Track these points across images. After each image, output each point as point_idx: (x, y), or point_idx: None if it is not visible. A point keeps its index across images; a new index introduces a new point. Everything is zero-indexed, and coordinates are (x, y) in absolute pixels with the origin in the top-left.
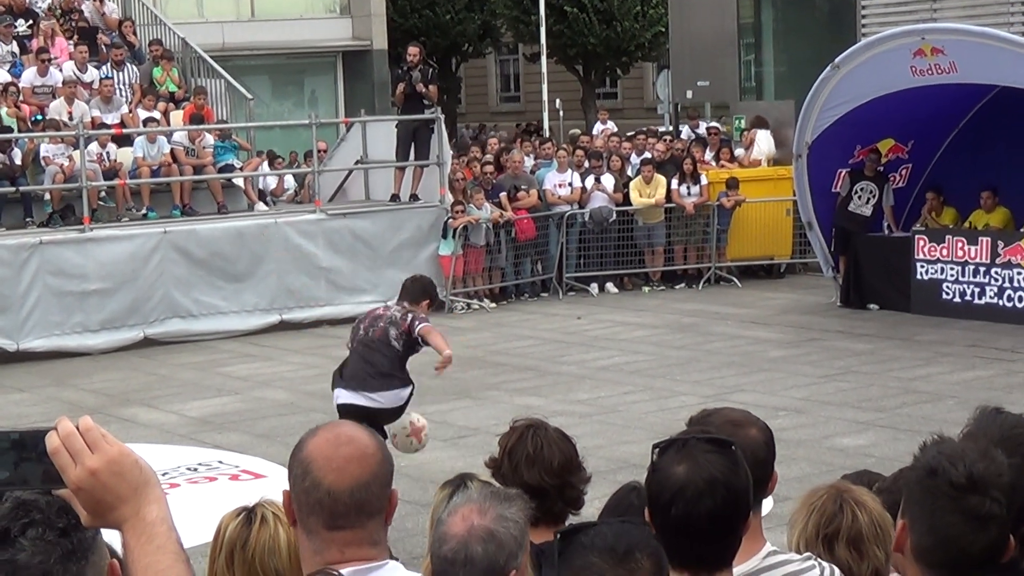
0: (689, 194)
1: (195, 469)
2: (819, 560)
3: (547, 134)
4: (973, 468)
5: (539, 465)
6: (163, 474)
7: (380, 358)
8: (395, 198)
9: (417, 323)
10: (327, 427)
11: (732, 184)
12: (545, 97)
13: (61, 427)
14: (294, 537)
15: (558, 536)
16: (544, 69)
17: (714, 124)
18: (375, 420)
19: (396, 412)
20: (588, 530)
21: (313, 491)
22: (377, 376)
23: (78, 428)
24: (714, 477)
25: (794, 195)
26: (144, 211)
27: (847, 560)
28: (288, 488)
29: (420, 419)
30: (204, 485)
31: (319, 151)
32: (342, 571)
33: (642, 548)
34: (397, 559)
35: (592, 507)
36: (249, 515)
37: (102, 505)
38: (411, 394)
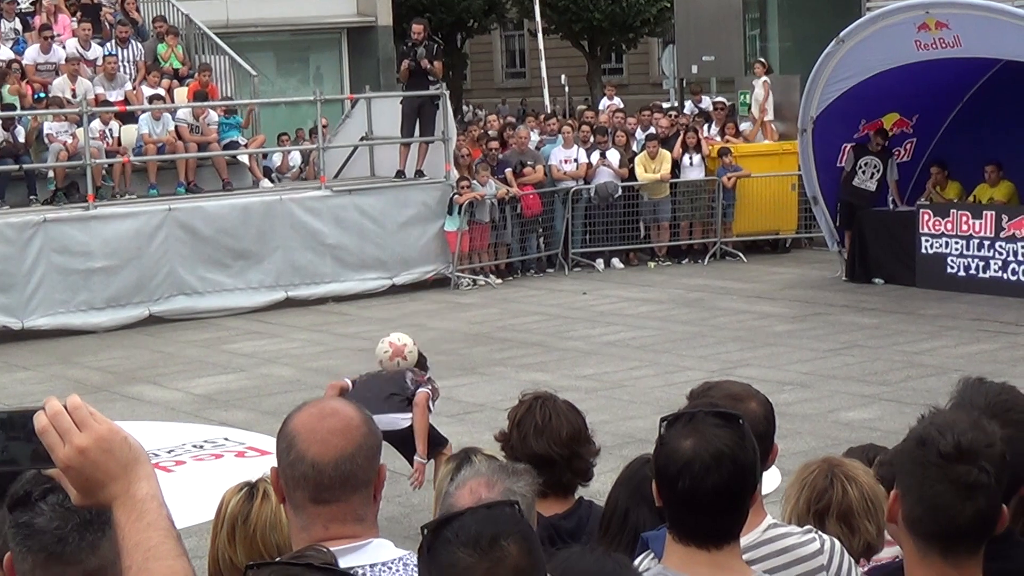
0: (692, 164)
1: (201, 446)
2: (819, 533)
3: (548, 110)
4: (961, 438)
5: (547, 435)
6: (169, 451)
7: (393, 388)
8: (400, 174)
9: (429, 387)
10: (312, 402)
11: (723, 153)
12: (544, 74)
13: (49, 406)
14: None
15: (423, 530)
16: (541, 45)
17: (720, 99)
18: (394, 440)
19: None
20: (453, 522)
21: (298, 464)
22: (394, 404)
23: (66, 407)
24: (721, 451)
25: (799, 170)
26: (131, 191)
27: (838, 535)
28: (276, 465)
29: (399, 338)
30: (210, 462)
31: (322, 127)
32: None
33: (507, 534)
34: (406, 538)
35: (599, 481)
36: (251, 490)
37: (92, 483)
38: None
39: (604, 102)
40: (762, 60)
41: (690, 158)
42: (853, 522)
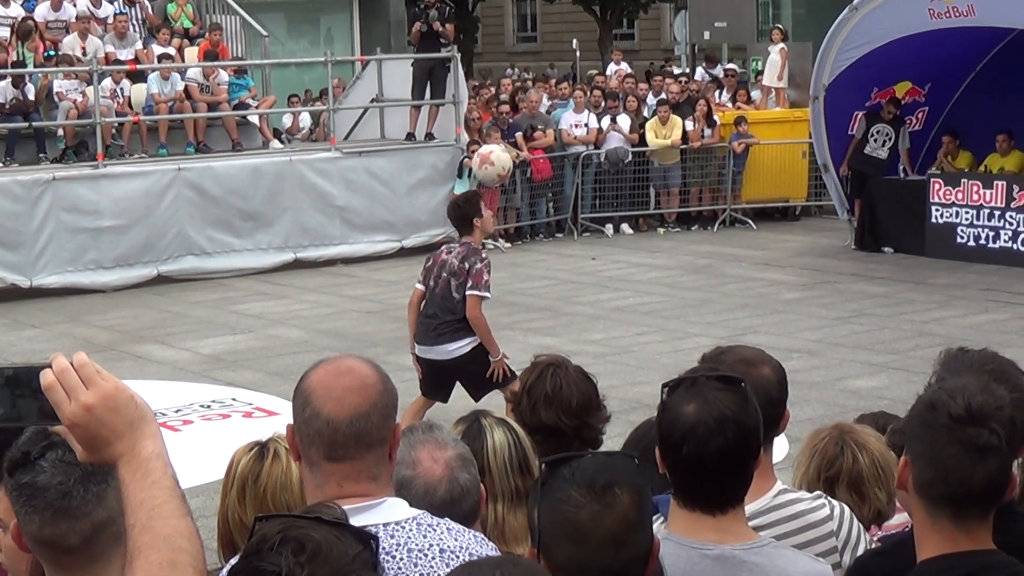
0: (703, 136)
1: (208, 406)
2: (829, 499)
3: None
4: (972, 400)
5: (557, 405)
6: (176, 411)
7: (445, 315)
8: (410, 137)
9: (471, 281)
10: (329, 360)
11: (739, 121)
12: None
13: (56, 363)
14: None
15: (543, 465)
16: None
17: (731, 66)
18: (452, 371)
19: (464, 359)
20: (572, 462)
21: (313, 421)
22: (443, 334)
23: (72, 364)
24: (724, 415)
25: (810, 137)
26: (144, 151)
27: (848, 503)
28: (292, 422)
29: (486, 150)
30: (217, 422)
31: (333, 87)
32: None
33: (622, 483)
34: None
35: (605, 446)
36: (262, 450)
37: (97, 440)
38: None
39: (611, 67)
40: (780, 27)
41: (702, 131)
42: (863, 489)
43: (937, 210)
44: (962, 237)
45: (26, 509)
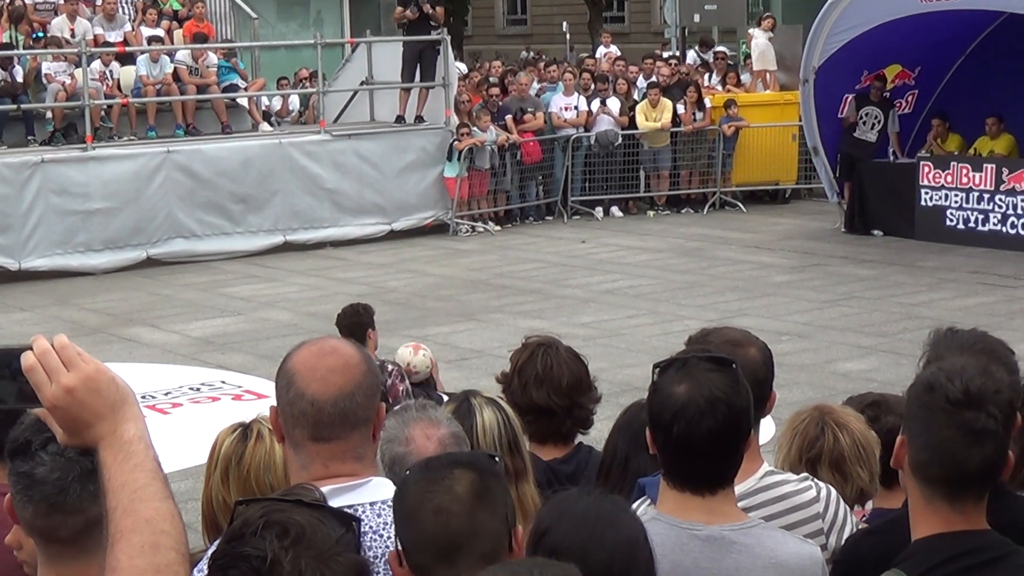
0: (695, 120)
1: (198, 389)
2: (815, 480)
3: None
4: (970, 384)
5: (548, 385)
6: (166, 394)
7: None
8: (400, 120)
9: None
10: (312, 341)
11: (729, 104)
12: None
13: (36, 345)
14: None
15: (407, 471)
16: None
17: (721, 49)
18: None
19: None
20: (426, 458)
21: (297, 402)
22: None
23: (53, 346)
24: (715, 396)
25: (800, 120)
26: (133, 133)
27: (831, 483)
28: (275, 404)
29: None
30: (207, 405)
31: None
32: (323, 488)
33: (460, 464)
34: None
35: (596, 428)
36: (245, 431)
37: (79, 423)
38: None
39: (600, 50)
40: (772, 16)
41: (693, 115)
42: (845, 469)
43: (926, 193)
44: (951, 220)
45: (21, 497)
